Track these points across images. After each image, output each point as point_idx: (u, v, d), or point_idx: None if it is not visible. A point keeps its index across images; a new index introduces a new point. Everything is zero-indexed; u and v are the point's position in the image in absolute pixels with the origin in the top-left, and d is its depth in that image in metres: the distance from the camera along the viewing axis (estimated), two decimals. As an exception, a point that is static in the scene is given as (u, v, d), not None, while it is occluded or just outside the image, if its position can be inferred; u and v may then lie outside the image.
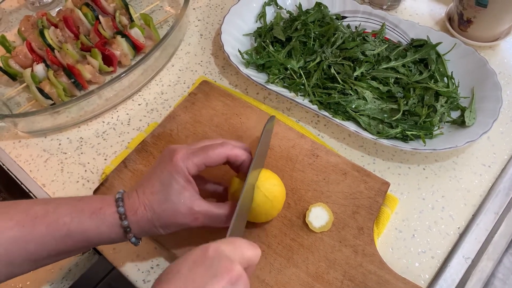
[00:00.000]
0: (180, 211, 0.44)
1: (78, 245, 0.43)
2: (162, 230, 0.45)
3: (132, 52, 0.72)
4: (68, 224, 0.42)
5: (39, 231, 0.41)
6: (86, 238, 0.43)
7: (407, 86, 0.65)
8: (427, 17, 0.80)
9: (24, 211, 0.42)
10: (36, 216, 0.41)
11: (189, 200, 0.44)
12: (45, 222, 0.41)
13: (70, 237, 0.42)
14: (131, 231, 0.44)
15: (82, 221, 0.42)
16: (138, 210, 0.44)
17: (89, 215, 0.43)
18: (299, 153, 0.58)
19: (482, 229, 0.55)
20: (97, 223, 0.43)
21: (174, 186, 0.44)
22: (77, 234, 0.42)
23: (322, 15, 0.74)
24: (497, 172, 0.61)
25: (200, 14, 0.82)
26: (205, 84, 0.66)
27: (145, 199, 0.44)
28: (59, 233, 0.42)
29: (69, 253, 0.44)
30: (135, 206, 0.44)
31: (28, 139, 0.66)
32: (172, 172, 0.44)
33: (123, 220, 0.43)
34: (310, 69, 0.67)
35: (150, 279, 0.52)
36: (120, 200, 0.44)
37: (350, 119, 0.63)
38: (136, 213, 0.44)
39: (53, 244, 0.42)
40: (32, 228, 0.41)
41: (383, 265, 0.49)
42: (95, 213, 0.43)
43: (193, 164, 0.44)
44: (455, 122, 0.63)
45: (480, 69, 0.66)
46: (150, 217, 0.44)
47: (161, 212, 0.44)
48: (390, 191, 0.58)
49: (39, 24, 0.72)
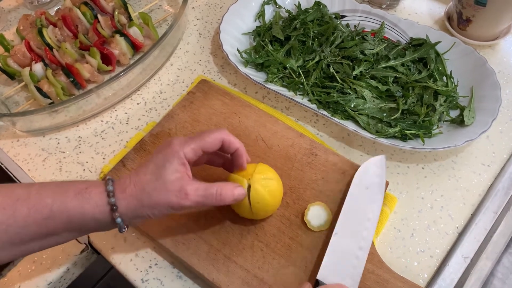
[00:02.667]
0: (170, 189, 0.43)
1: (61, 228, 0.42)
2: (149, 211, 0.43)
3: (131, 51, 0.72)
4: (50, 205, 0.41)
5: (21, 213, 0.40)
6: (69, 219, 0.41)
7: (406, 85, 0.65)
8: (426, 16, 0.80)
9: (6, 194, 0.41)
10: (17, 199, 0.40)
11: (181, 180, 0.43)
12: (27, 204, 0.40)
13: (53, 219, 0.41)
14: (117, 210, 0.42)
15: (65, 201, 0.41)
16: (127, 188, 0.43)
17: (73, 195, 0.42)
18: (297, 152, 0.58)
19: (481, 229, 0.55)
20: (81, 203, 0.42)
21: (167, 167, 0.43)
22: (60, 215, 0.41)
23: (321, 14, 0.74)
24: (496, 171, 0.61)
25: (199, 13, 0.82)
26: (204, 83, 0.66)
27: (137, 179, 0.44)
28: (41, 215, 0.41)
29: (53, 237, 0.43)
30: (125, 185, 0.43)
31: (27, 138, 0.65)
32: (168, 155, 0.44)
33: (111, 197, 0.42)
34: (309, 68, 0.67)
35: (149, 278, 0.52)
36: (110, 180, 0.44)
37: (349, 118, 0.63)
38: (125, 191, 0.43)
39: (35, 227, 0.41)
40: (13, 211, 0.40)
41: (382, 265, 0.49)
42: (80, 193, 0.42)
43: (190, 148, 0.44)
44: (454, 121, 0.63)
45: (479, 68, 0.66)
46: (139, 196, 0.43)
47: (151, 190, 0.43)
48: (389, 190, 0.58)
49: (38, 23, 0.72)
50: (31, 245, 0.42)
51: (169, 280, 0.52)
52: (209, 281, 0.49)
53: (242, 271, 0.49)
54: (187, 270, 0.52)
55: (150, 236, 0.52)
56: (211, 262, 0.50)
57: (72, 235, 0.44)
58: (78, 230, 0.44)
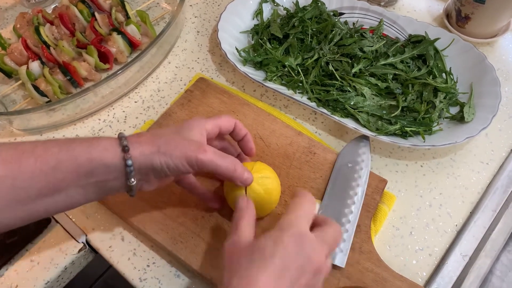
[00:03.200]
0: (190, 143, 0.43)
1: (68, 179, 0.40)
2: (164, 159, 0.41)
3: (128, 49, 0.72)
4: (57, 154, 0.39)
5: (27, 165, 0.38)
6: (76, 167, 0.39)
7: (406, 82, 0.65)
8: (425, 13, 0.80)
9: (12, 148, 0.39)
10: (23, 151, 0.39)
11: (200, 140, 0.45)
12: (33, 155, 0.39)
13: (60, 169, 0.39)
14: (129, 151, 0.41)
15: (72, 148, 0.40)
16: (143, 136, 0.43)
17: (80, 142, 0.41)
18: (296, 150, 0.58)
19: (479, 227, 0.55)
20: (88, 148, 0.40)
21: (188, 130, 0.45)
22: (67, 163, 0.39)
23: (319, 12, 0.73)
24: (495, 169, 0.61)
25: (196, 11, 0.81)
26: (202, 81, 0.66)
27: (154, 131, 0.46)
28: (48, 165, 0.39)
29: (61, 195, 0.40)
30: (140, 135, 0.43)
31: (24, 136, 0.65)
32: (190, 124, 0.46)
33: (123, 140, 0.41)
34: (308, 66, 0.67)
35: (147, 277, 0.52)
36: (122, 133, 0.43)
37: (348, 116, 0.63)
38: (139, 138, 0.42)
39: (42, 179, 0.39)
40: (19, 163, 0.38)
41: (380, 263, 0.49)
42: (87, 141, 0.41)
43: (209, 123, 0.47)
44: (454, 118, 0.63)
45: (478, 65, 0.65)
46: (156, 142, 0.42)
47: (170, 139, 0.43)
48: (388, 189, 0.58)
49: (35, 21, 0.72)
50: (38, 204, 0.40)
51: (167, 279, 0.51)
52: (207, 280, 0.49)
53: (240, 270, 0.49)
54: (185, 269, 0.52)
55: (148, 234, 0.52)
56: (209, 261, 0.50)
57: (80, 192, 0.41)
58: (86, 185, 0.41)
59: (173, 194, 0.54)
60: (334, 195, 0.53)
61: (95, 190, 0.42)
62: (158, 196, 0.54)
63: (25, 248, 0.54)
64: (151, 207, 0.53)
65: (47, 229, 0.55)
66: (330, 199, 0.53)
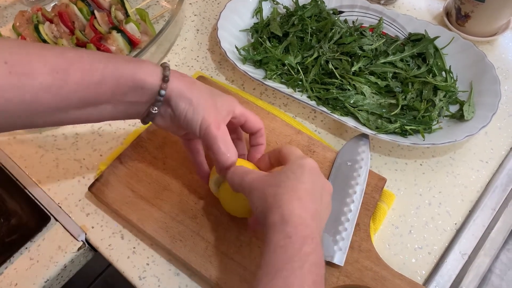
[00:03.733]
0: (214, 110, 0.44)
1: (107, 95, 0.42)
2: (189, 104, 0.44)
3: (127, 47, 0.72)
4: (102, 69, 0.40)
5: (74, 77, 0.39)
6: (117, 85, 0.41)
7: (405, 81, 0.65)
8: (425, 12, 0.80)
9: (59, 55, 0.39)
10: (72, 62, 0.39)
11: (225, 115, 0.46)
12: (80, 68, 0.40)
13: (103, 85, 0.41)
14: (168, 82, 0.43)
15: (117, 66, 0.41)
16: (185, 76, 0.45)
17: (126, 61, 0.42)
18: (295, 149, 0.58)
19: (479, 225, 0.55)
20: (133, 70, 0.42)
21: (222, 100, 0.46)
22: (111, 79, 0.41)
23: (319, 10, 0.73)
24: (494, 167, 0.61)
25: (196, 9, 0.81)
26: (202, 80, 0.66)
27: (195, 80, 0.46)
28: (93, 79, 0.40)
29: (93, 108, 0.42)
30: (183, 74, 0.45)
31: (23, 135, 0.65)
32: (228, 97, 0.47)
33: (166, 70, 0.43)
34: (307, 65, 0.67)
35: (146, 275, 0.52)
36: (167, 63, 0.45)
37: (348, 115, 0.63)
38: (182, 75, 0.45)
39: (84, 92, 0.40)
40: (66, 74, 0.39)
41: (379, 261, 0.49)
42: (132, 61, 0.43)
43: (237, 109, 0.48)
44: (454, 116, 0.63)
45: (478, 63, 0.65)
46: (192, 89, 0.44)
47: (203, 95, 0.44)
48: (387, 187, 0.58)
49: (34, 19, 0.72)
50: (72, 113, 0.42)
51: (166, 277, 0.52)
52: (206, 278, 0.49)
53: (239, 268, 0.49)
54: (184, 267, 0.52)
55: (147, 233, 0.52)
56: (209, 259, 0.50)
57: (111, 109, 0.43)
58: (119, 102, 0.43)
59: (173, 192, 0.54)
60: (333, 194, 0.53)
61: (123, 109, 0.44)
62: (158, 195, 0.54)
63: (24, 246, 0.54)
64: (151, 206, 0.53)
65: (46, 227, 0.55)
66: None
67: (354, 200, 0.53)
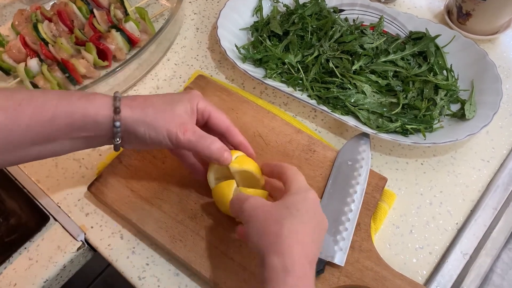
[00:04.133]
0: (175, 119, 0.44)
1: (62, 131, 0.42)
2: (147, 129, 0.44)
3: (127, 46, 0.71)
4: (54, 107, 0.41)
5: (25, 115, 0.40)
6: (71, 121, 0.42)
7: (406, 80, 0.64)
8: (426, 10, 0.79)
9: (9, 97, 0.40)
10: (21, 101, 0.40)
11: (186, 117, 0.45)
12: (31, 105, 0.40)
13: (55, 122, 0.41)
14: (120, 113, 0.43)
15: (69, 102, 0.42)
16: (136, 100, 0.45)
17: (78, 98, 0.42)
18: (295, 148, 0.58)
19: (480, 225, 0.55)
20: (85, 104, 0.42)
21: (180, 103, 0.45)
22: (64, 115, 0.41)
23: (319, 9, 0.73)
24: (496, 167, 0.60)
25: (196, 7, 0.81)
26: (201, 79, 0.65)
27: (147, 97, 0.46)
28: (45, 117, 0.41)
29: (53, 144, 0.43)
30: (134, 98, 0.45)
31: (22, 134, 0.65)
32: (184, 97, 0.46)
33: (116, 101, 0.43)
34: (308, 64, 0.67)
35: (145, 275, 0.51)
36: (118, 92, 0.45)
37: (349, 114, 0.62)
38: (133, 100, 0.44)
39: (37, 129, 0.41)
40: (17, 112, 0.40)
41: (380, 261, 0.49)
42: (84, 97, 0.43)
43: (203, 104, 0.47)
44: (455, 115, 0.63)
45: (479, 62, 0.65)
46: (146, 109, 0.44)
47: (159, 110, 0.44)
48: (388, 187, 0.57)
49: (33, 18, 0.72)
50: (28, 150, 0.42)
51: (165, 278, 0.51)
52: (206, 278, 0.49)
53: (239, 268, 0.49)
54: (184, 267, 0.52)
55: (146, 232, 0.52)
56: (208, 259, 0.49)
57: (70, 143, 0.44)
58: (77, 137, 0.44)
59: (172, 192, 0.54)
60: (333, 193, 0.53)
61: (84, 141, 0.45)
62: (157, 194, 0.54)
63: (23, 246, 0.54)
64: (150, 205, 0.53)
65: (45, 227, 0.55)
66: (330, 197, 0.53)
67: (354, 200, 0.52)
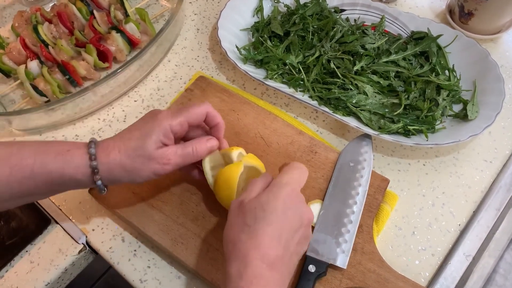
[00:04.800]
0: (154, 157, 0.44)
1: (41, 187, 0.43)
2: (131, 177, 0.44)
3: (127, 47, 0.71)
4: (31, 166, 0.41)
5: (2, 173, 0.41)
6: (50, 180, 0.42)
7: (408, 80, 0.64)
8: (427, 9, 0.79)
9: None
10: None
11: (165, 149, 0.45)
12: (8, 164, 0.41)
13: (33, 179, 0.42)
14: (98, 173, 0.43)
15: (46, 162, 0.42)
16: (111, 152, 0.43)
17: (54, 156, 0.42)
18: (297, 149, 0.58)
19: (483, 226, 0.55)
20: (62, 164, 0.42)
21: (153, 137, 0.44)
22: (41, 175, 0.42)
23: (320, 9, 0.72)
24: (498, 167, 0.60)
25: (196, 8, 0.80)
26: (202, 80, 0.65)
27: (121, 144, 0.44)
28: (22, 174, 0.41)
29: (33, 196, 0.44)
30: (109, 149, 0.44)
31: (23, 136, 0.65)
32: (154, 126, 0.45)
33: (93, 160, 0.43)
34: (309, 64, 0.66)
35: (147, 278, 0.51)
36: (92, 143, 0.44)
37: (350, 115, 0.62)
38: (108, 155, 0.43)
39: (16, 186, 0.41)
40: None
41: (382, 263, 0.49)
42: (61, 154, 0.42)
43: (176, 122, 0.45)
44: (458, 116, 0.62)
45: (482, 62, 0.64)
46: (123, 161, 0.43)
47: (136, 157, 0.44)
48: (390, 188, 0.57)
49: (33, 20, 0.71)
50: (9, 203, 0.43)
51: (167, 280, 0.51)
52: (208, 281, 0.49)
53: (241, 271, 0.48)
54: (185, 270, 0.52)
55: (148, 235, 0.51)
56: (210, 262, 0.49)
57: (52, 194, 0.46)
58: (58, 190, 0.45)
59: (173, 194, 0.54)
60: (335, 195, 0.53)
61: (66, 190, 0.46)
62: (158, 197, 0.54)
63: (25, 249, 0.54)
64: (152, 208, 0.53)
65: (47, 230, 0.55)
66: (332, 199, 0.53)
67: (356, 202, 0.52)
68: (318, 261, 0.48)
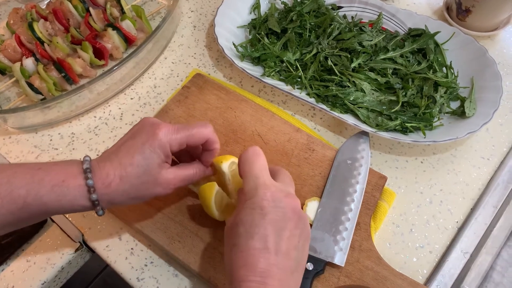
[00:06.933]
0: (158, 183, 0.44)
1: (36, 217, 0.42)
2: (133, 202, 0.44)
3: (123, 44, 0.71)
4: (24, 197, 0.39)
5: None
6: (45, 210, 0.41)
7: (406, 77, 0.64)
8: (425, 6, 0.79)
9: None
10: None
11: (167, 173, 0.44)
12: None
13: (27, 210, 0.40)
14: (99, 205, 0.42)
15: (40, 194, 0.40)
16: (112, 182, 0.41)
17: (50, 188, 0.40)
18: (294, 147, 0.57)
19: (480, 223, 0.55)
20: (58, 197, 0.40)
21: (155, 161, 0.43)
22: (35, 206, 0.40)
23: (317, 6, 0.72)
24: (496, 165, 0.60)
25: (193, 5, 0.80)
26: (199, 77, 0.65)
27: (122, 171, 0.42)
28: (15, 206, 0.39)
29: (27, 223, 0.43)
30: (109, 178, 0.41)
31: (19, 135, 0.64)
32: (155, 147, 0.43)
33: (92, 193, 0.41)
34: (306, 61, 0.66)
35: (144, 277, 0.51)
36: (88, 172, 0.41)
37: (348, 112, 0.62)
38: (109, 186, 0.41)
39: (8, 217, 0.40)
40: None
41: (380, 261, 0.49)
42: (56, 186, 0.40)
43: (176, 141, 0.44)
44: (455, 113, 0.62)
45: (479, 59, 0.64)
46: (126, 189, 0.42)
47: (140, 184, 0.43)
48: (387, 185, 0.57)
49: (28, 17, 0.71)
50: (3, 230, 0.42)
51: (164, 279, 0.51)
52: (205, 280, 0.48)
53: (238, 269, 0.48)
54: (183, 268, 0.52)
55: (145, 233, 0.51)
56: (207, 260, 0.49)
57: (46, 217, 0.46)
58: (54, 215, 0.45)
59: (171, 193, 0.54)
60: (333, 193, 0.53)
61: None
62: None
63: (21, 248, 0.53)
64: (149, 206, 0.53)
65: (43, 228, 0.55)
66: (329, 197, 0.52)
67: (354, 199, 0.52)
68: (316, 259, 0.47)
